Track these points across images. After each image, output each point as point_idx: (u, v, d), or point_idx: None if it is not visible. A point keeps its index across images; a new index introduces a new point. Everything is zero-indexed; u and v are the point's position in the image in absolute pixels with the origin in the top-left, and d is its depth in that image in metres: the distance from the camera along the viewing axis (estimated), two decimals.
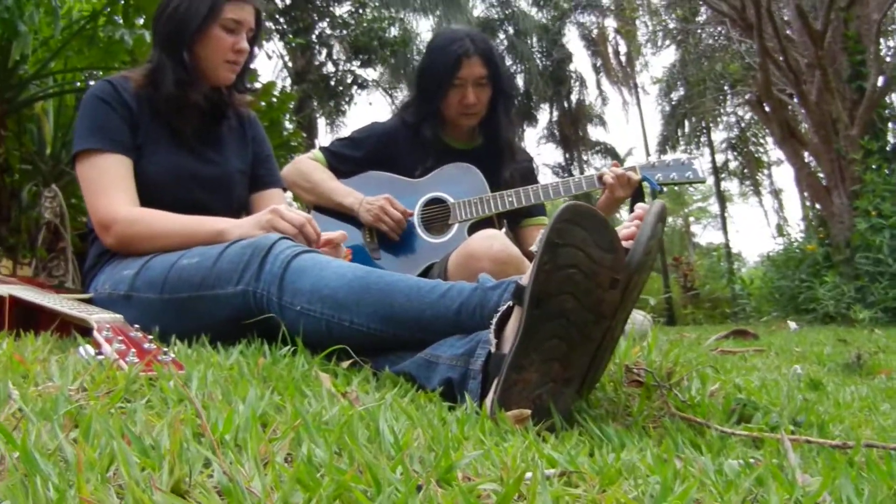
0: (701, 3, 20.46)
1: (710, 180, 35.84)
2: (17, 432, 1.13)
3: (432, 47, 4.16)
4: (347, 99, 25.97)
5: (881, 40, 15.92)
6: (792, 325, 10.49)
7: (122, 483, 0.99)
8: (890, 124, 15.76)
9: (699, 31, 25.15)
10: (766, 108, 16.62)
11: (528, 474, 1.19)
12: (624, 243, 1.92)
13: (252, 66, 3.36)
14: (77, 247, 7.02)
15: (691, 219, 51.60)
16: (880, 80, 15.23)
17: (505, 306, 2.00)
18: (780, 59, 15.39)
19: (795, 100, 16.60)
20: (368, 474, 1.10)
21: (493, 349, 1.95)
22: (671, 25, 27.40)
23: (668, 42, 29.43)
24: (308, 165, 4.05)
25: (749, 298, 18.58)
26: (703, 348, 2.78)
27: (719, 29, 23.36)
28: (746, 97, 22.40)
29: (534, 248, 1.88)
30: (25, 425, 1.18)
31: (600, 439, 1.75)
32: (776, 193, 38.27)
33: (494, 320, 1.99)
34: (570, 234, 1.81)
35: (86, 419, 1.23)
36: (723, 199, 37.24)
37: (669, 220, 47.83)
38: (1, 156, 7.08)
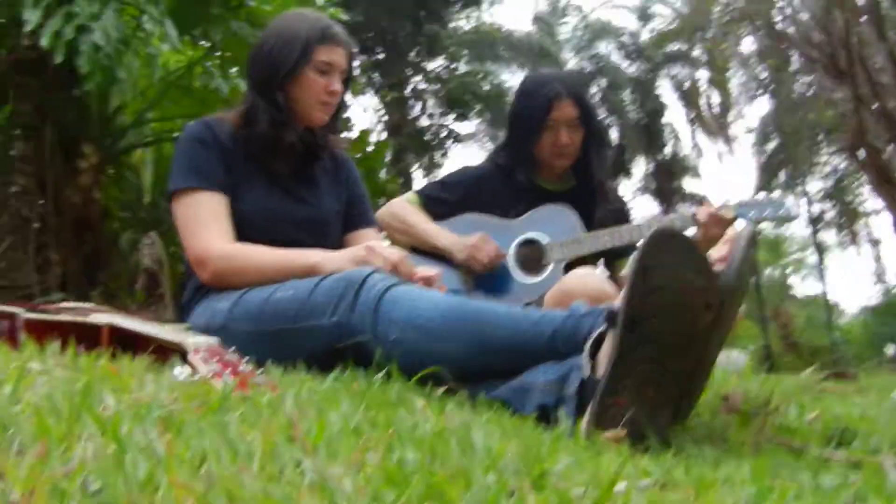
0: (792, 50, 20.27)
1: (808, 231, 35.42)
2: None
3: (522, 91, 4.14)
4: (443, 153, 26.10)
5: None
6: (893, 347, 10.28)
7: (212, 479, 0.99)
8: None
9: (791, 80, 24.90)
10: (861, 156, 16.43)
11: (622, 484, 1.18)
12: (715, 267, 1.91)
13: (345, 107, 3.38)
14: (176, 295, 7.11)
15: (789, 270, 50.99)
16: None
17: (599, 330, 1.99)
18: (874, 105, 15.22)
19: (890, 146, 16.39)
20: (461, 478, 1.10)
21: (587, 374, 1.94)
22: (763, 75, 27.19)
23: (760, 91, 29.22)
24: (403, 207, 4.05)
25: (849, 345, 18.32)
26: (801, 379, 2.73)
27: (811, 78, 23.10)
28: (840, 146, 22.14)
29: (625, 272, 1.88)
30: (118, 421, 1.19)
31: (696, 458, 1.73)
32: (874, 243, 37.69)
33: (588, 345, 1.98)
34: (661, 256, 1.81)
35: (177, 422, 1.24)
36: (820, 249, 36.79)
37: (767, 271, 47.29)
38: (101, 202, 7.21)
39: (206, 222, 2.94)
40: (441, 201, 4.08)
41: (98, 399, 1.38)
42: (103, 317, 2.55)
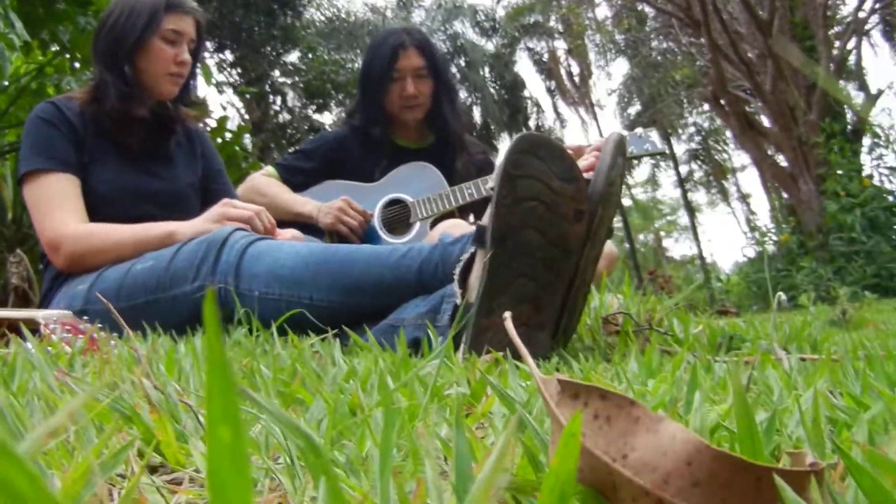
0: (645, 3, 20.53)
1: (677, 192, 35.98)
2: None
3: (370, 45, 4.13)
4: None
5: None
6: (781, 295, 10.42)
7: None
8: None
9: (648, 39, 25.20)
10: (724, 105, 16.70)
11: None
12: (585, 175, 1.84)
13: (195, 80, 3.30)
14: None
15: (662, 233, 51.70)
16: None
17: (467, 254, 1.92)
18: (731, 53, 15.47)
19: (751, 94, 16.69)
20: (319, 391, 1.01)
21: (458, 300, 1.86)
22: (619, 37, 27.52)
23: (617, 55, 29.57)
24: (262, 181, 3.97)
25: (728, 295, 18.61)
26: (683, 297, 2.66)
27: (668, 37, 23.39)
28: (701, 93, 22.46)
29: (490, 184, 1.80)
30: None
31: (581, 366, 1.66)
32: (744, 198, 38.40)
33: (457, 270, 1.91)
34: (527, 164, 1.73)
35: (10, 365, 1.14)
36: (691, 209, 37.35)
37: (640, 236, 47.89)
38: None
39: (57, 204, 2.84)
40: (300, 170, 4.02)
41: None
42: None
